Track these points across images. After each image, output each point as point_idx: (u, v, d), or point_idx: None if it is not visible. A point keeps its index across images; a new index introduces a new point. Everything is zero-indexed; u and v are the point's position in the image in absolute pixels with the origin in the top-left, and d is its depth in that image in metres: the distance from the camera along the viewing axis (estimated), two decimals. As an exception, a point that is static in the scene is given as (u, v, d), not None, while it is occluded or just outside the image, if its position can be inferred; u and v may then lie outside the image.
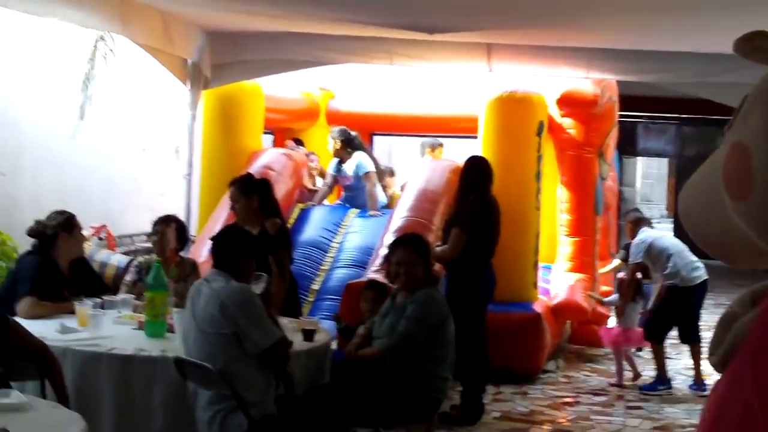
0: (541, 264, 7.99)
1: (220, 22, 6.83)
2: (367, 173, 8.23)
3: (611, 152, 9.45)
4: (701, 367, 7.44)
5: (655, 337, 7.38)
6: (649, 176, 30.95)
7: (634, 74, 7.31)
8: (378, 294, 5.22)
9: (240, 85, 7.84)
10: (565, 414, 6.50)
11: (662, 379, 7.40)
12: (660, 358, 7.41)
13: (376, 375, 4.56)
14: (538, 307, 7.51)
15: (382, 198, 8.53)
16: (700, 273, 7.38)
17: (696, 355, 7.52)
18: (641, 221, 7.75)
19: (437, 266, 5.73)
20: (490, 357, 6.34)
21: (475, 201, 6.25)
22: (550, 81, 7.97)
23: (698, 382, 7.44)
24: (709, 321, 10.41)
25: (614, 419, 6.37)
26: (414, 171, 8.23)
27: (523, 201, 7.50)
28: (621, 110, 9.63)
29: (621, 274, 8.14)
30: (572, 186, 8.49)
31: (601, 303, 7.84)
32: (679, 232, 21.27)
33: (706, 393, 7.19)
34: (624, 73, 7.33)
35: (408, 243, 4.99)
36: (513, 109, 7.65)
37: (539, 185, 7.71)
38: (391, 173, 9.39)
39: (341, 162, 8.35)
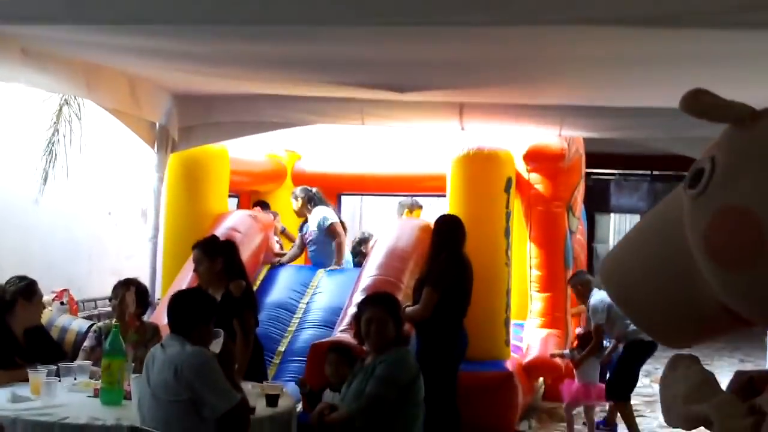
0: (512, 321, 7.92)
1: (187, 85, 6.79)
2: (331, 225, 8.14)
3: (579, 206, 9.45)
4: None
5: (621, 395, 7.29)
6: (621, 232, 31.09)
7: (607, 131, 7.32)
8: (341, 357, 5.12)
9: (205, 147, 7.79)
10: None
11: None
12: (630, 417, 7.32)
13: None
14: (510, 365, 7.42)
15: (348, 257, 8.47)
16: None
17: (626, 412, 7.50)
18: (591, 282, 7.69)
19: (407, 326, 5.64)
20: (462, 417, 6.24)
21: (448, 259, 6.21)
22: (517, 136, 7.98)
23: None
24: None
25: None
26: (383, 229, 8.17)
27: (493, 258, 7.45)
28: (593, 167, 9.67)
29: (579, 330, 8.06)
30: (541, 241, 8.47)
31: (561, 356, 7.75)
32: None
33: None
34: (597, 129, 7.34)
35: (379, 301, 4.91)
36: (480, 166, 7.64)
37: (509, 241, 7.68)
38: (366, 240, 9.31)
39: (306, 221, 8.30)
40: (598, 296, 7.39)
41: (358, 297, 6.99)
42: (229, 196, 8.63)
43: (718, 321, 1.85)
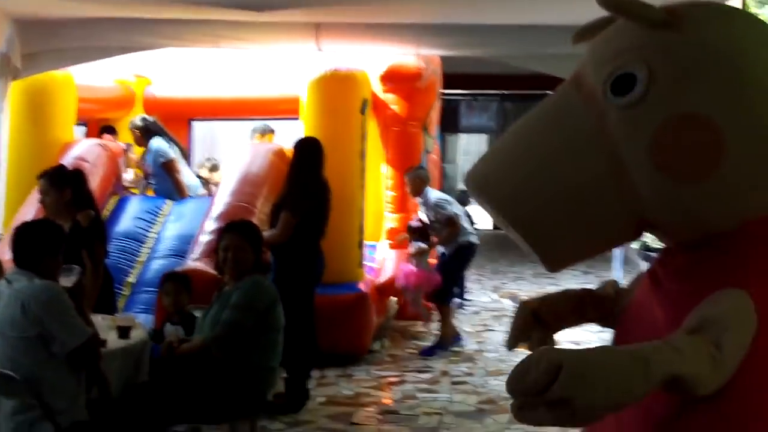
0: (366, 242, 7.99)
1: (30, 10, 6.44)
2: (164, 163, 8.00)
3: (435, 126, 9.55)
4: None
5: (444, 299, 7.53)
6: (469, 152, 31.64)
7: (464, 49, 7.36)
8: (179, 285, 5.07)
9: (50, 74, 7.47)
10: (390, 394, 6.52)
11: (444, 343, 7.70)
12: (448, 319, 7.63)
13: (200, 369, 4.40)
14: (364, 287, 7.51)
15: (194, 182, 8.35)
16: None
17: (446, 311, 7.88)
18: (428, 180, 7.92)
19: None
20: (318, 340, 6.32)
21: (307, 183, 6.18)
22: (373, 58, 7.96)
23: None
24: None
25: (440, 396, 6.44)
26: (235, 155, 8.05)
27: (348, 180, 7.45)
28: (443, 87, 9.75)
29: (413, 222, 8.20)
30: (397, 162, 8.53)
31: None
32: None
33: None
34: (454, 48, 7.37)
35: (236, 228, 4.85)
36: (336, 87, 7.58)
37: (363, 164, 7.70)
38: (215, 167, 9.17)
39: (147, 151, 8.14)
40: (436, 194, 7.63)
41: (211, 225, 6.93)
42: (77, 124, 8.32)
43: (620, 236, 1.82)
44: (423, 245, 7.83)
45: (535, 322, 2.01)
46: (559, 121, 1.77)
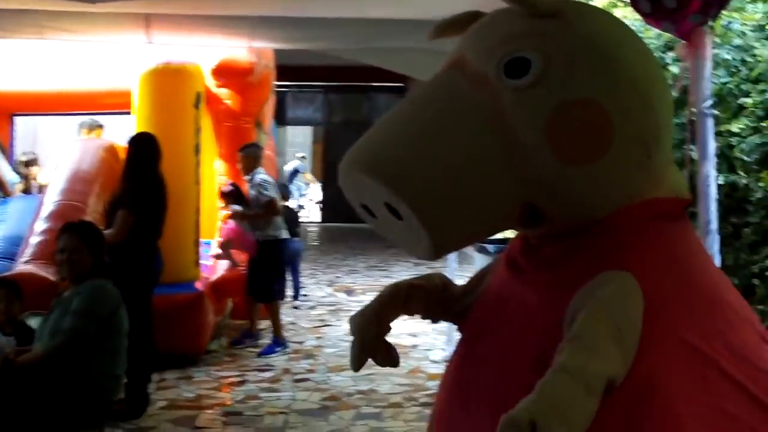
0: (202, 240, 7.83)
1: None
2: None
3: (269, 121, 9.45)
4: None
5: (266, 297, 7.48)
6: (294, 144, 31.62)
7: (299, 42, 7.27)
8: (10, 292, 4.83)
9: None
10: (232, 395, 6.42)
11: (280, 340, 7.70)
12: (275, 317, 7.60)
13: (41, 380, 4.17)
14: (200, 286, 7.36)
15: (12, 179, 7.97)
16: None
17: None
18: (261, 159, 7.87)
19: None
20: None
21: (143, 180, 5.98)
22: (207, 51, 7.80)
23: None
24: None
25: (283, 395, 6.38)
26: (64, 152, 7.71)
27: (183, 176, 7.26)
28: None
29: (225, 188, 8.13)
30: (230, 157, 8.38)
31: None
32: (328, 199, 21.83)
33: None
34: (288, 41, 7.26)
35: (73, 229, 4.63)
36: (169, 81, 7.39)
37: (198, 159, 7.52)
38: (31, 162, 8.75)
39: None
40: (264, 175, 7.57)
41: (41, 225, 6.62)
42: None
43: (505, 220, 1.82)
44: (239, 207, 7.75)
45: (374, 337, 2.05)
46: (449, 101, 1.77)
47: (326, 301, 10.22)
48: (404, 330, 8.42)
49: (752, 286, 4.59)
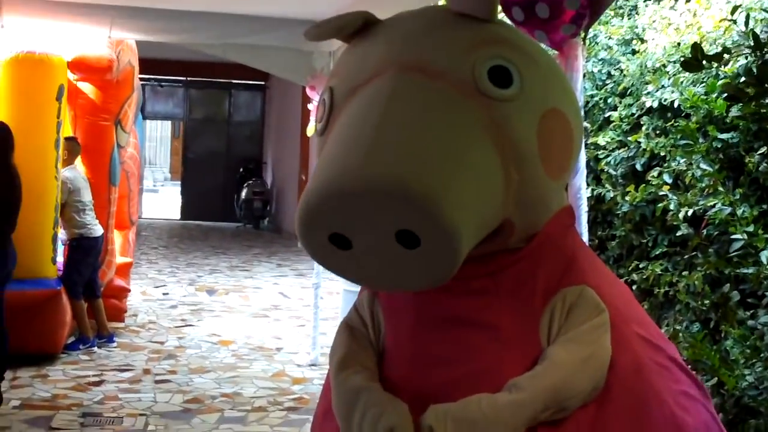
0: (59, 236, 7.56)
1: None
2: None
3: (130, 119, 9.18)
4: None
5: (70, 293, 7.30)
6: (153, 139, 31.02)
7: (161, 34, 7.12)
8: None
9: None
10: (91, 395, 6.21)
11: (85, 337, 7.47)
12: (81, 314, 7.42)
13: None
14: (56, 283, 7.11)
15: None
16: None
17: (99, 309, 7.68)
18: (74, 154, 7.62)
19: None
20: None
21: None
22: (71, 43, 7.52)
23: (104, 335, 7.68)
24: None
25: (144, 395, 6.22)
26: None
27: (42, 170, 6.98)
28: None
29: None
30: (87, 155, 8.11)
31: None
32: (187, 196, 21.45)
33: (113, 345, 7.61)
34: (150, 32, 7.09)
35: None
36: (30, 71, 7.06)
37: (59, 153, 7.25)
38: None
39: None
40: (68, 171, 7.34)
41: None
42: None
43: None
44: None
45: None
46: (450, 112, 1.69)
47: (188, 301, 10.03)
48: (269, 333, 8.36)
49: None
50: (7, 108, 6.96)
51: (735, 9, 3.51)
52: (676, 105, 4.27)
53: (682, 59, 3.23)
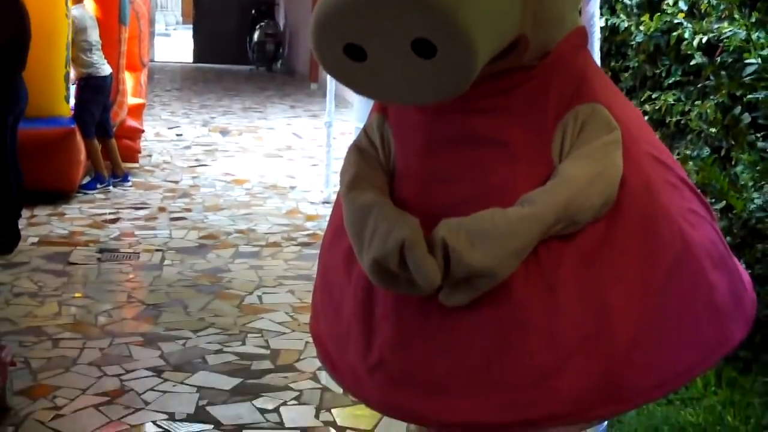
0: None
1: None
2: None
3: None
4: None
5: (87, 132, 7.29)
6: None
7: None
8: None
9: None
10: (108, 232, 6.31)
11: (101, 176, 7.55)
12: (96, 154, 7.44)
13: None
14: (70, 122, 7.12)
15: None
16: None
17: (113, 149, 7.69)
18: None
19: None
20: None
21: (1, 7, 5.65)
22: None
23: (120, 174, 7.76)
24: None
25: (159, 232, 6.31)
26: None
27: (52, 8, 6.87)
28: None
29: None
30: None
31: None
32: (200, 38, 21.22)
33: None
34: None
35: None
36: None
37: (70, -9, 7.13)
38: None
39: None
40: (76, 10, 7.24)
41: None
42: None
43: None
44: None
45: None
46: None
47: (201, 142, 10.06)
48: (282, 172, 8.41)
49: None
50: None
51: None
52: (692, -71, 4.13)
53: None
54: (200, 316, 4.62)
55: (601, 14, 4.40)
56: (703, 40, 3.90)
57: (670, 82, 4.33)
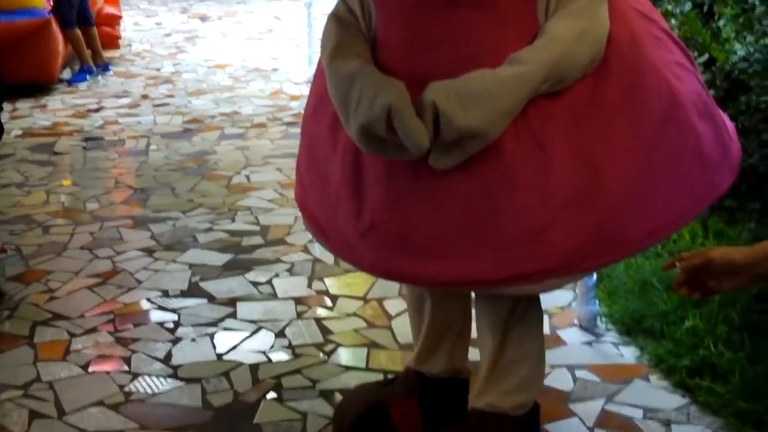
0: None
1: None
2: None
3: None
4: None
5: (62, 24, 7.14)
6: None
7: None
8: None
9: None
10: (91, 121, 6.25)
11: (88, 67, 7.44)
12: (76, 45, 7.32)
13: None
14: (46, 12, 6.99)
15: None
16: None
17: (94, 38, 7.56)
18: None
19: None
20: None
21: None
22: None
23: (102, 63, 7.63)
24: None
25: (144, 119, 6.25)
26: None
27: None
28: None
29: None
30: None
31: None
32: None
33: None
34: None
35: None
36: None
37: None
38: None
39: None
40: None
41: None
42: None
43: None
44: None
45: None
46: None
47: (181, 29, 9.88)
48: (264, 54, 8.30)
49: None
50: None
51: None
52: None
53: None
54: (189, 197, 4.62)
55: None
56: None
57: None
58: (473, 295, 2.36)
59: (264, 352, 3.01)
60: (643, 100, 1.91)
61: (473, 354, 2.45)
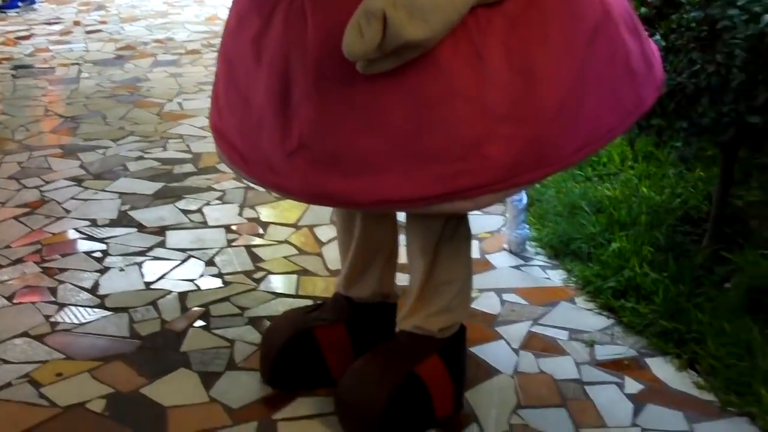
0: None
1: None
2: None
3: None
4: None
5: None
6: None
7: None
8: None
9: None
10: (21, 49, 6.09)
11: None
12: None
13: None
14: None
15: None
16: None
17: None
18: None
19: None
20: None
21: None
22: None
23: None
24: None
25: (75, 46, 6.10)
26: None
27: None
28: None
29: None
30: None
31: None
32: None
33: None
34: None
35: None
36: None
37: None
38: None
39: None
40: None
41: None
42: None
43: None
44: None
45: None
46: None
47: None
48: None
49: None
50: None
51: None
52: None
53: None
54: (120, 125, 4.53)
55: None
56: None
57: None
58: (404, 218, 2.33)
59: (193, 281, 2.98)
60: (579, 11, 1.89)
61: (400, 279, 2.45)
